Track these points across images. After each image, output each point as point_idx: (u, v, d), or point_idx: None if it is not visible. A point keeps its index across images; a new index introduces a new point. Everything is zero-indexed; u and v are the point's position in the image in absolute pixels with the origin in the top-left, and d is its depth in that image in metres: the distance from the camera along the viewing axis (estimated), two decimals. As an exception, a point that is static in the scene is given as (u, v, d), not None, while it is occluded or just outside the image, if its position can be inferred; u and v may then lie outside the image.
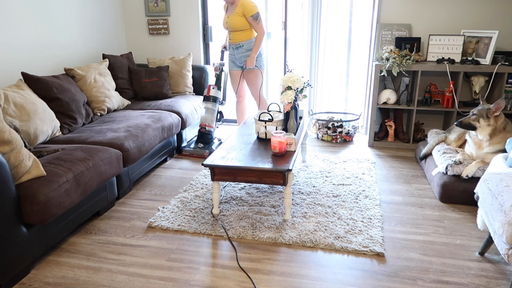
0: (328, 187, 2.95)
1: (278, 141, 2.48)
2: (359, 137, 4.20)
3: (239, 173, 2.42)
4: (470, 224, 2.47)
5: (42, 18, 3.31)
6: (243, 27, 3.56)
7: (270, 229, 2.40)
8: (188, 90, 4.22)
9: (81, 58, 3.84)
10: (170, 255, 2.18)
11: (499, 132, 2.66)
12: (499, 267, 2.06)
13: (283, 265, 2.09)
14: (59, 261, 2.15)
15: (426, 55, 3.75)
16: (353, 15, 4.16)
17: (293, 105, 2.86)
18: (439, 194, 2.77)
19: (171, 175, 3.29)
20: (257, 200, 2.76)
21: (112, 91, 3.58)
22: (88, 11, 3.91)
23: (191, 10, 4.38)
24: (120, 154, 2.66)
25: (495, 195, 1.85)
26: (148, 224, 2.49)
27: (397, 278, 1.97)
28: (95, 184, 2.37)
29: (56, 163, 2.23)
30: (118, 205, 2.77)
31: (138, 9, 4.47)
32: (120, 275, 2.03)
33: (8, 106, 2.50)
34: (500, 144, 2.65)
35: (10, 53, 3.00)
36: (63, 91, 3.00)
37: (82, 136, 2.85)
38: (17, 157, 1.95)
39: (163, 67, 4.07)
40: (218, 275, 2.01)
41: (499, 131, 2.66)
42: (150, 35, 4.55)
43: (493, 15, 3.70)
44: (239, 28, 3.57)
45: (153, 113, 3.44)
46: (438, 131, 3.42)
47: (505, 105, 3.52)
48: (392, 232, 2.38)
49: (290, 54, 4.38)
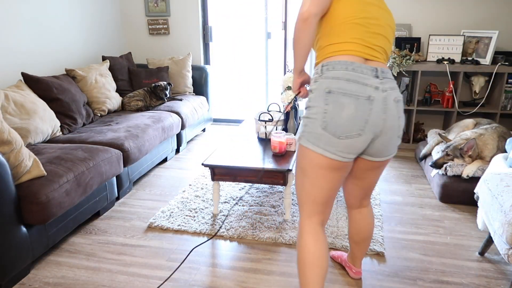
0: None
1: (278, 141, 2.48)
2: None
3: (239, 173, 2.42)
4: (470, 224, 2.47)
5: (42, 19, 3.31)
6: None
7: (270, 229, 2.40)
8: (188, 90, 4.23)
9: (81, 58, 3.84)
10: (170, 255, 2.18)
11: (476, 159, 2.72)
12: (499, 267, 2.05)
13: (283, 265, 2.08)
14: (59, 261, 2.15)
15: (426, 55, 3.75)
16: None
17: (293, 105, 2.86)
18: (439, 194, 2.77)
19: (171, 175, 3.29)
20: (257, 200, 2.76)
21: (112, 92, 3.58)
22: (88, 11, 3.91)
23: (191, 10, 4.38)
24: (120, 154, 2.66)
25: (495, 195, 1.85)
26: (148, 224, 2.49)
27: (397, 278, 1.97)
28: (95, 184, 2.38)
29: (57, 163, 2.23)
30: (118, 205, 2.77)
31: (138, 9, 4.48)
32: (120, 275, 2.03)
33: (8, 105, 2.51)
34: (483, 161, 2.69)
35: (10, 54, 3.00)
36: (63, 91, 3.00)
37: (82, 136, 2.85)
38: (17, 157, 1.95)
39: (163, 67, 4.07)
40: (218, 275, 2.01)
41: (476, 158, 2.72)
42: (150, 35, 4.55)
43: (493, 15, 3.70)
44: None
45: (153, 114, 3.44)
46: (438, 131, 3.42)
47: (505, 105, 3.52)
48: (392, 232, 2.38)
49: (290, 54, 4.37)
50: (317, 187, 1.46)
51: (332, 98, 1.35)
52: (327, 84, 1.37)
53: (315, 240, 1.49)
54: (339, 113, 1.34)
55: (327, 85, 1.37)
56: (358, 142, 1.37)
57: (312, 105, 1.41)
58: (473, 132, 2.79)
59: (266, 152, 2.58)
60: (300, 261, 1.50)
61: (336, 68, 1.37)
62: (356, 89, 1.34)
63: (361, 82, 1.35)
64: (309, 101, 1.43)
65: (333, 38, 1.40)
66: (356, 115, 1.34)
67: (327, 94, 1.36)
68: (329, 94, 1.36)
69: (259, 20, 4.81)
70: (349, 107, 1.33)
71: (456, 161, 2.72)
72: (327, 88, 1.37)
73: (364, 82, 1.35)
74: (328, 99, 1.36)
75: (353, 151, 1.39)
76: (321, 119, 1.37)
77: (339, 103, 1.34)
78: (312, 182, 1.46)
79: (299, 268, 1.52)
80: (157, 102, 3.78)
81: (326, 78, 1.38)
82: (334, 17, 1.39)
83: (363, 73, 1.36)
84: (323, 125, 1.37)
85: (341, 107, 1.34)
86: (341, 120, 1.34)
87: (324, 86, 1.37)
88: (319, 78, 1.40)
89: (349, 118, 1.34)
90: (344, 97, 1.34)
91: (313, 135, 1.40)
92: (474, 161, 2.70)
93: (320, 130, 1.37)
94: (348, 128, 1.35)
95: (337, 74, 1.36)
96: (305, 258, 1.48)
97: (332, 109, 1.35)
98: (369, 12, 1.39)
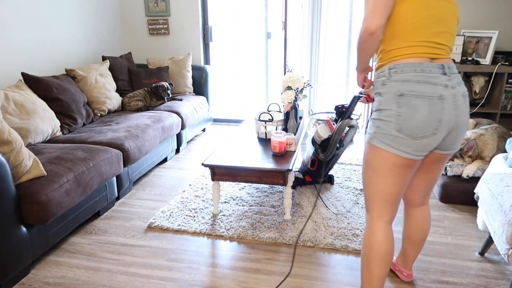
0: (328, 187, 2.95)
1: (278, 141, 2.48)
2: (359, 137, 4.20)
3: (239, 173, 2.42)
4: (470, 224, 2.47)
5: (42, 19, 3.31)
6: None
7: (270, 229, 2.40)
8: (188, 90, 4.23)
9: (81, 58, 3.84)
10: (170, 255, 2.18)
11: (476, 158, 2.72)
12: (499, 267, 2.05)
13: (283, 265, 2.08)
14: (59, 261, 2.15)
15: (426, 55, 3.74)
16: (353, 15, 4.16)
17: (293, 105, 2.86)
18: (439, 194, 2.77)
19: (171, 175, 3.29)
20: (257, 200, 2.76)
21: (112, 92, 3.58)
22: (88, 11, 3.91)
23: (191, 10, 4.38)
24: (120, 154, 2.66)
25: (495, 195, 1.85)
26: (148, 224, 2.49)
27: (397, 278, 1.97)
28: (95, 184, 2.37)
29: (57, 162, 2.23)
30: (118, 205, 2.77)
31: (138, 9, 4.48)
32: (120, 275, 2.03)
33: (8, 105, 2.51)
34: (484, 161, 2.69)
35: (10, 54, 3.00)
36: (63, 91, 3.00)
37: (83, 136, 2.85)
38: (17, 157, 1.95)
39: (163, 67, 4.07)
40: (218, 275, 2.01)
41: (477, 158, 2.72)
42: (150, 35, 4.55)
43: (493, 15, 3.70)
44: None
45: (153, 114, 3.44)
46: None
47: (505, 105, 3.52)
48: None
49: (290, 54, 4.38)
50: (390, 185, 1.50)
51: (405, 101, 1.37)
52: (398, 87, 1.39)
53: (386, 238, 1.54)
54: (413, 115, 1.37)
55: (397, 88, 1.39)
56: (433, 141, 1.41)
57: (384, 108, 1.43)
58: (473, 132, 2.79)
59: (266, 152, 2.57)
60: (368, 258, 1.56)
61: (405, 70, 1.39)
62: (428, 90, 1.36)
63: (431, 82, 1.37)
64: (379, 104, 1.45)
65: (397, 42, 1.41)
66: (430, 116, 1.36)
67: (399, 97, 1.38)
68: (401, 97, 1.38)
69: (259, 20, 4.82)
70: (423, 109, 1.36)
71: (456, 161, 2.72)
72: (398, 91, 1.39)
73: (434, 81, 1.37)
74: (401, 102, 1.38)
75: (427, 148, 1.43)
76: (395, 122, 1.39)
77: (412, 106, 1.37)
78: (385, 181, 1.49)
79: (365, 265, 1.58)
80: (157, 102, 3.78)
81: (396, 81, 1.40)
82: (397, 20, 1.39)
83: (432, 72, 1.37)
84: (397, 128, 1.39)
85: (414, 109, 1.36)
86: (415, 122, 1.37)
87: (395, 89, 1.39)
88: (388, 81, 1.42)
89: (423, 120, 1.36)
90: (417, 99, 1.36)
91: (387, 137, 1.42)
92: (474, 161, 2.70)
93: (395, 132, 1.40)
94: (423, 129, 1.37)
95: (406, 77, 1.38)
96: (374, 256, 1.54)
97: (405, 112, 1.37)
98: (433, 9, 1.38)
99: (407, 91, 1.37)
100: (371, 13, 1.33)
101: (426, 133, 1.38)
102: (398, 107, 1.38)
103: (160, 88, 3.74)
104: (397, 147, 1.41)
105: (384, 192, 1.52)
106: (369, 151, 1.51)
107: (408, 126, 1.37)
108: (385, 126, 1.42)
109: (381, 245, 1.53)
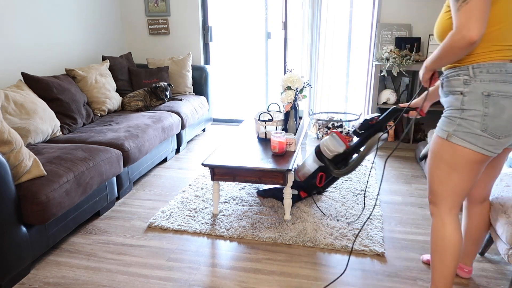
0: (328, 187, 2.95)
1: (278, 141, 2.48)
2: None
3: (239, 173, 2.42)
4: (470, 224, 2.47)
5: (42, 18, 3.31)
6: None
7: (270, 229, 2.40)
8: (188, 90, 4.23)
9: (81, 58, 3.84)
10: (170, 255, 2.18)
11: None
12: (499, 267, 2.05)
13: (283, 265, 2.09)
14: (59, 261, 2.15)
15: (426, 55, 3.75)
16: (353, 15, 4.16)
17: (293, 105, 2.86)
18: (439, 194, 2.76)
19: (171, 175, 3.29)
20: (257, 200, 2.76)
21: (112, 92, 3.58)
22: (88, 11, 3.91)
23: (191, 10, 4.38)
24: (120, 154, 2.66)
25: (495, 195, 1.85)
26: (148, 224, 2.49)
27: (397, 278, 1.97)
28: (95, 184, 2.38)
29: (57, 162, 2.23)
30: (118, 205, 2.77)
31: (138, 9, 4.48)
32: (120, 275, 2.03)
33: (8, 105, 2.51)
34: None
35: (10, 54, 3.00)
36: (63, 91, 3.00)
37: (83, 136, 2.85)
38: (17, 157, 1.95)
39: (163, 67, 4.07)
40: (218, 275, 2.01)
41: None
42: (150, 35, 4.56)
43: (493, 15, 3.70)
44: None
45: (153, 114, 3.44)
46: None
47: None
48: (392, 232, 2.38)
49: (290, 54, 4.38)
50: (466, 181, 1.54)
51: (492, 101, 1.39)
52: (485, 87, 1.40)
53: (456, 230, 1.60)
54: (500, 115, 1.39)
55: (484, 88, 1.40)
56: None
57: (468, 108, 1.43)
58: None
59: (266, 152, 2.57)
60: (442, 250, 1.61)
61: (491, 71, 1.39)
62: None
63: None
64: (462, 104, 1.45)
65: (484, 45, 1.41)
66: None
67: (486, 98, 1.40)
68: (489, 97, 1.39)
69: (259, 20, 4.82)
70: (510, 109, 1.38)
71: None
72: (485, 92, 1.40)
73: None
74: (488, 102, 1.39)
75: (505, 145, 1.47)
76: (480, 122, 1.41)
77: (499, 106, 1.38)
78: (461, 177, 1.53)
79: (437, 258, 1.63)
80: (157, 102, 3.78)
81: (482, 81, 1.40)
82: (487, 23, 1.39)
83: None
84: (482, 127, 1.41)
85: (501, 110, 1.38)
86: (502, 122, 1.40)
87: (481, 90, 1.40)
88: (472, 81, 1.42)
89: (509, 120, 1.39)
90: (504, 100, 1.38)
91: (469, 135, 1.44)
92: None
93: (479, 131, 1.42)
94: (508, 128, 1.41)
95: (493, 77, 1.39)
96: (447, 248, 1.59)
97: (492, 112, 1.39)
98: None
99: (494, 91, 1.38)
100: (470, 20, 1.27)
101: (509, 132, 1.42)
102: (484, 107, 1.40)
103: (158, 88, 3.74)
104: (480, 145, 1.44)
105: (459, 187, 1.55)
106: (444, 148, 1.52)
107: (494, 126, 1.40)
108: (468, 125, 1.43)
109: (453, 236, 1.58)
